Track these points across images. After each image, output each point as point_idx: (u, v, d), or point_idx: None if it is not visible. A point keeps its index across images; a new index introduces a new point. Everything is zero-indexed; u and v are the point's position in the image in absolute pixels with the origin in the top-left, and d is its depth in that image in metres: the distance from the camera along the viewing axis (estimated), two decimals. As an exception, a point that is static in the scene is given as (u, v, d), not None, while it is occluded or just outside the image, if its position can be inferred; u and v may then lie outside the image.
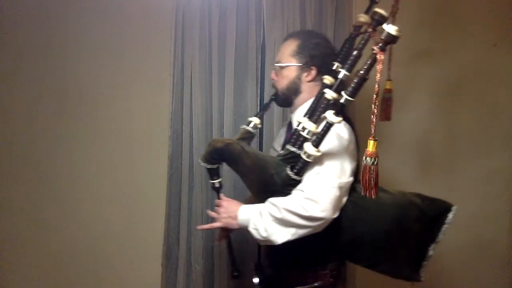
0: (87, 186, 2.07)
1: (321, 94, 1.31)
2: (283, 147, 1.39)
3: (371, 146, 1.07)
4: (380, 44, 1.06)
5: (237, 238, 1.80)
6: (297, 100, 1.45)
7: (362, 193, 1.09)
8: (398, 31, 1.05)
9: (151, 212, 2.02)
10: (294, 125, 1.41)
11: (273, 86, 1.51)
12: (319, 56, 1.41)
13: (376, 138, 1.07)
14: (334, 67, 1.37)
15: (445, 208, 1.30)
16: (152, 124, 2.04)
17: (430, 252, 1.29)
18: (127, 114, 2.05)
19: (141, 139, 2.05)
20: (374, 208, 1.28)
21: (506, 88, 2.08)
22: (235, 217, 1.31)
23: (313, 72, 1.41)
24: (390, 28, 1.05)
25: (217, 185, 1.43)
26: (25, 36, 2.04)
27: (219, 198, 1.42)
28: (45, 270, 2.09)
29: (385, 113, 1.58)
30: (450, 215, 1.28)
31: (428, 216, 1.29)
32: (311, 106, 1.35)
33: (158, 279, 1.99)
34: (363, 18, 1.38)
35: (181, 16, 1.95)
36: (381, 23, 1.13)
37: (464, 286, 2.09)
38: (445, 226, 1.28)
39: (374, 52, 1.07)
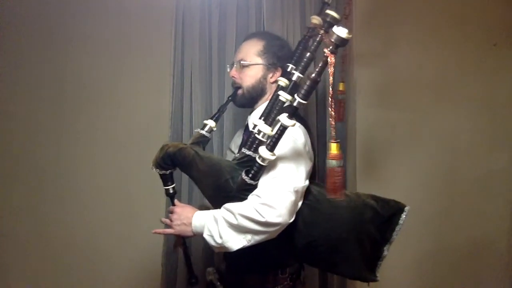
0: (87, 186, 2.07)
1: (276, 96, 1.28)
2: (240, 149, 1.36)
3: (333, 148, 1.07)
4: (330, 47, 1.06)
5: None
6: (260, 101, 1.45)
7: (328, 196, 1.08)
8: (349, 33, 1.05)
9: (151, 212, 2.01)
10: (251, 127, 1.39)
11: (234, 84, 1.48)
12: (284, 58, 1.41)
13: (338, 140, 1.07)
14: (289, 69, 1.36)
15: (399, 208, 1.29)
16: (152, 124, 2.04)
17: (385, 253, 1.29)
18: (127, 114, 2.05)
19: (141, 139, 2.05)
20: (329, 210, 1.26)
21: (506, 88, 2.08)
22: (189, 224, 1.28)
23: (278, 74, 1.41)
24: (340, 31, 1.05)
25: (171, 191, 1.39)
26: (25, 36, 2.04)
27: (173, 205, 1.39)
28: (45, 269, 2.08)
29: (338, 115, 1.58)
30: (403, 216, 1.28)
31: (383, 217, 1.28)
32: (266, 108, 1.32)
33: (158, 279, 1.99)
34: (316, 20, 1.38)
35: (181, 16, 1.95)
36: (333, 25, 1.13)
37: (464, 286, 2.09)
38: (398, 226, 1.28)
39: (325, 55, 1.06)
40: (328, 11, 1.17)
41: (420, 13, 2.03)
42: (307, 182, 1.25)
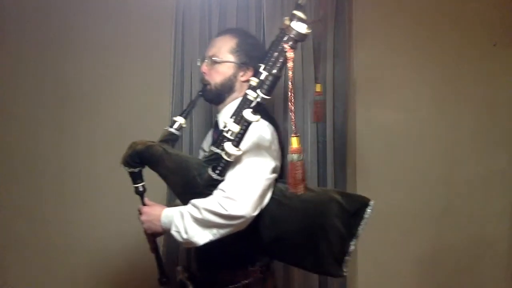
0: (87, 185, 2.07)
1: (245, 95, 1.28)
2: None
3: (294, 142, 1.09)
4: (290, 42, 1.06)
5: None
6: (228, 99, 1.43)
7: (290, 190, 1.09)
8: (308, 29, 1.05)
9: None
10: (221, 126, 1.39)
11: (203, 80, 1.46)
12: (256, 58, 1.39)
13: (298, 135, 1.10)
14: (261, 69, 1.34)
15: (364, 203, 1.28)
16: (152, 124, 2.03)
17: (351, 248, 1.28)
18: (127, 114, 2.06)
19: (141, 139, 2.05)
20: (296, 205, 1.27)
21: (506, 88, 2.08)
22: (158, 221, 1.30)
23: (249, 73, 1.40)
24: (299, 26, 1.05)
25: (140, 189, 1.39)
26: (26, 36, 2.04)
27: (143, 202, 1.39)
28: (46, 269, 2.09)
29: (317, 115, 1.60)
30: (369, 210, 1.27)
31: (348, 211, 1.28)
32: (237, 107, 1.32)
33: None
34: (288, 21, 1.38)
35: (181, 15, 1.95)
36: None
37: (464, 286, 2.09)
38: (363, 221, 1.27)
39: (285, 50, 1.06)
40: (294, 11, 1.17)
41: (420, 13, 2.03)
42: (272, 176, 1.26)
